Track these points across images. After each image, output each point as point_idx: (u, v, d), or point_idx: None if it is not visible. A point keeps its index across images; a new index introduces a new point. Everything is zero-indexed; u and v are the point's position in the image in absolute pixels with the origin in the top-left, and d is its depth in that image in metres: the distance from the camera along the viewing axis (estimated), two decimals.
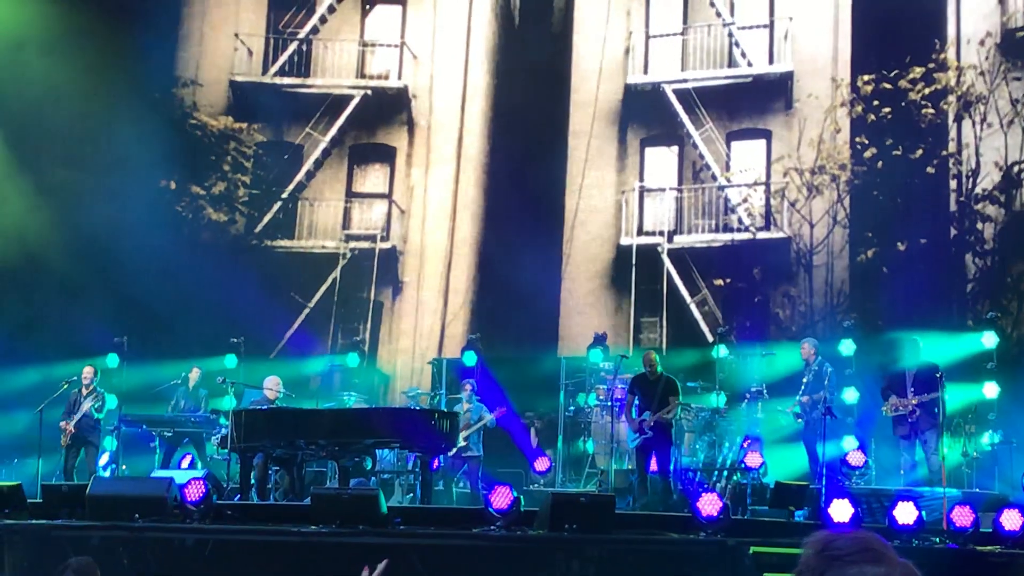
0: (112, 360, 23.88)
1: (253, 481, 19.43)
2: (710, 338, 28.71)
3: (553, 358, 26.84)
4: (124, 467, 23.55)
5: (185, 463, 23.36)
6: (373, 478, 21.25)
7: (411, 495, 21.77)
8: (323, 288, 31.68)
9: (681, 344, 29.46)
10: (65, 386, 23.01)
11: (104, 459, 23.89)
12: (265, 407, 20.90)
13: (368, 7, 33.35)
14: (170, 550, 15.68)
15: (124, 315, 25.87)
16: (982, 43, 29.09)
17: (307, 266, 32.00)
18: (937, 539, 16.33)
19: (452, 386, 25.31)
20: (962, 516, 16.32)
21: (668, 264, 30.52)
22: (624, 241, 31.07)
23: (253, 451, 19.30)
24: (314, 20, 32.88)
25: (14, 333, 26.15)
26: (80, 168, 28.60)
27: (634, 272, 30.66)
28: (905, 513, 16.08)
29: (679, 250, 30.70)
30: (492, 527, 16.01)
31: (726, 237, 30.76)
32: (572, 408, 25.30)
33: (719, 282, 30.36)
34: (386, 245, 31.92)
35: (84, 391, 23.31)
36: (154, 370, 24.63)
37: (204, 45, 33.05)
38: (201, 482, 16.52)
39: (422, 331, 31.49)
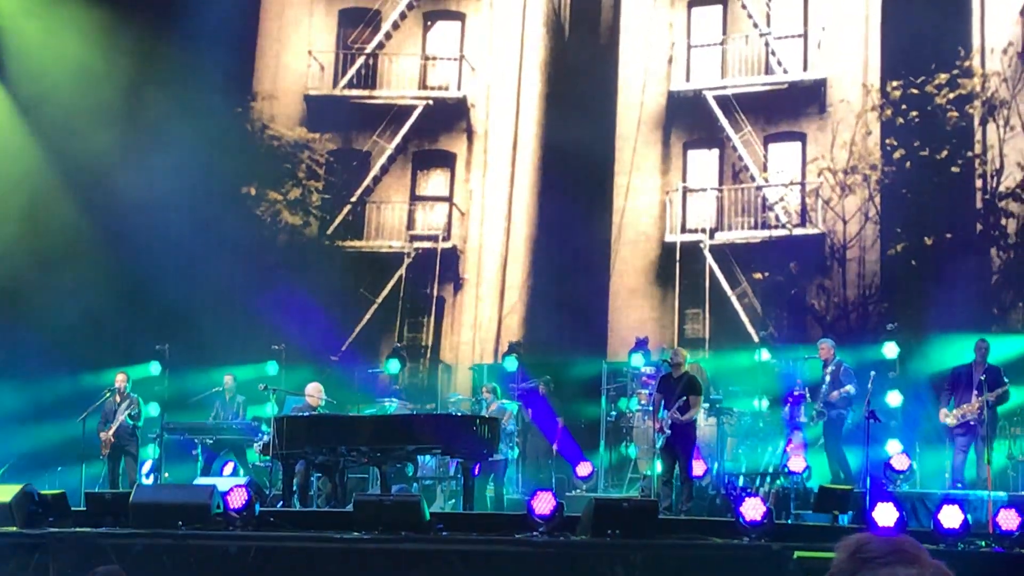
0: (154, 367, 21.81)
1: (295, 488, 17.41)
2: (750, 328, 27.58)
3: (595, 363, 24.51)
4: (167, 475, 21.22)
5: (227, 470, 21.14)
6: (415, 484, 19.15)
7: (453, 501, 19.63)
8: (390, 285, 30.04)
9: (723, 335, 27.99)
10: (108, 394, 20.80)
11: (147, 467, 21.69)
12: (307, 414, 18.70)
13: (429, 23, 31.79)
14: (213, 557, 13.86)
15: (171, 321, 23.89)
16: (1005, 52, 27.41)
17: (375, 265, 30.39)
18: (983, 543, 14.23)
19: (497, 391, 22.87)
20: (1008, 519, 14.21)
21: (710, 259, 28.82)
22: (669, 238, 29.35)
23: (295, 458, 17.24)
24: (380, 36, 31.22)
25: (56, 341, 23.86)
26: (156, 178, 26.42)
27: (678, 267, 29.01)
28: (950, 516, 13.98)
29: (720, 246, 29.01)
30: (535, 533, 14.05)
31: (764, 234, 28.99)
32: (614, 413, 22.87)
33: (758, 276, 28.63)
34: (447, 245, 30.32)
35: (118, 398, 21.09)
36: (200, 376, 22.62)
37: (280, 62, 31.47)
38: (244, 489, 14.55)
39: (481, 323, 29.85)
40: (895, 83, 27.88)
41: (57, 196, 25.38)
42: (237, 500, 14.28)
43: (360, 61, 31.22)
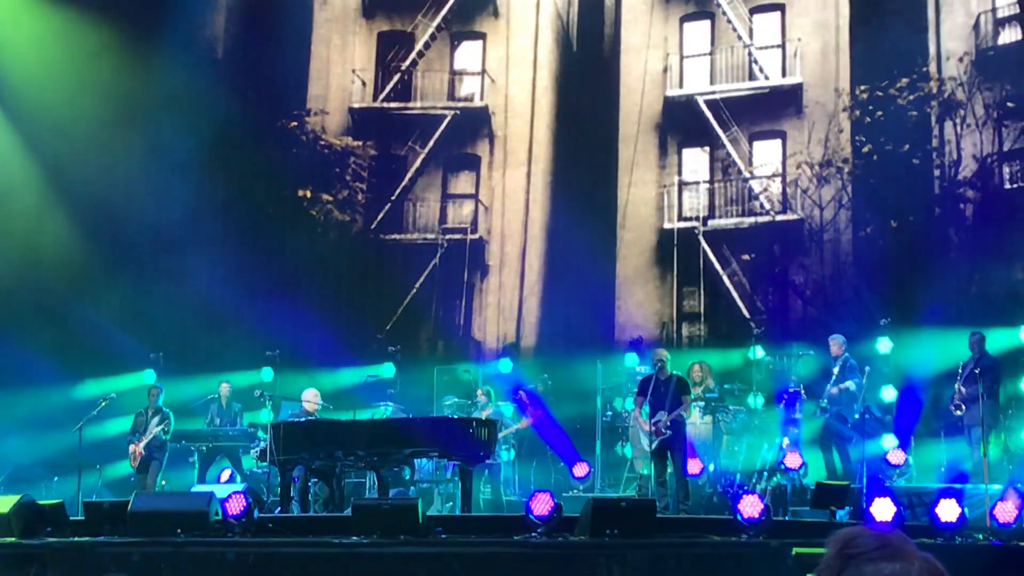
0: (149, 376, 18.51)
1: (293, 493, 14.28)
2: (740, 303, 25.43)
3: (590, 363, 21.02)
4: (164, 483, 17.88)
5: (225, 477, 17.65)
6: (412, 487, 15.90)
7: (451, 504, 16.43)
8: (425, 273, 27.46)
9: (716, 309, 25.93)
10: (103, 404, 17.06)
11: None
12: (304, 419, 15.56)
13: (456, 43, 29.07)
14: (212, 564, 10.88)
15: (165, 329, 20.52)
16: (960, 60, 25.05)
17: (413, 254, 27.80)
18: (980, 535, 11.15)
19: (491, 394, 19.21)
20: (1005, 512, 11.09)
21: (703, 243, 26.35)
22: (667, 225, 26.80)
23: (292, 464, 14.05)
24: (413, 55, 28.57)
25: (49, 350, 20.15)
26: (159, 188, 23.44)
27: (676, 251, 26.51)
28: (947, 510, 10.91)
29: (712, 231, 26.54)
30: (533, 534, 11.01)
31: (750, 220, 26.54)
32: (609, 413, 19.33)
33: (746, 257, 26.32)
34: (475, 236, 27.69)
35: (150, 411, 17.79)
36: (195, 384, 19.20)
37: (329, 80, 28.77)
38: (242, 496, 11.50)
39: (504, 305, 27.18)
40: (863, 87, 25.65)
41: (56, 208, 21.96)
42: (235, 507, 11.28)
43: (396, 77, 28.66)
